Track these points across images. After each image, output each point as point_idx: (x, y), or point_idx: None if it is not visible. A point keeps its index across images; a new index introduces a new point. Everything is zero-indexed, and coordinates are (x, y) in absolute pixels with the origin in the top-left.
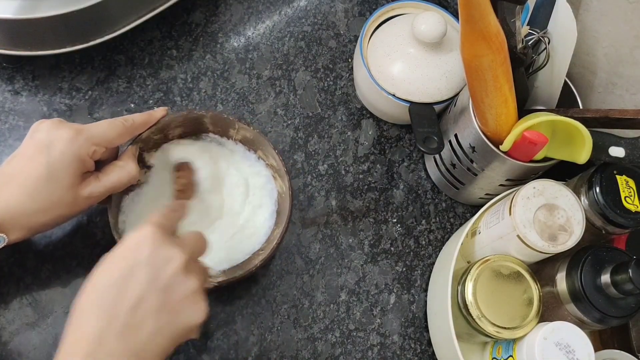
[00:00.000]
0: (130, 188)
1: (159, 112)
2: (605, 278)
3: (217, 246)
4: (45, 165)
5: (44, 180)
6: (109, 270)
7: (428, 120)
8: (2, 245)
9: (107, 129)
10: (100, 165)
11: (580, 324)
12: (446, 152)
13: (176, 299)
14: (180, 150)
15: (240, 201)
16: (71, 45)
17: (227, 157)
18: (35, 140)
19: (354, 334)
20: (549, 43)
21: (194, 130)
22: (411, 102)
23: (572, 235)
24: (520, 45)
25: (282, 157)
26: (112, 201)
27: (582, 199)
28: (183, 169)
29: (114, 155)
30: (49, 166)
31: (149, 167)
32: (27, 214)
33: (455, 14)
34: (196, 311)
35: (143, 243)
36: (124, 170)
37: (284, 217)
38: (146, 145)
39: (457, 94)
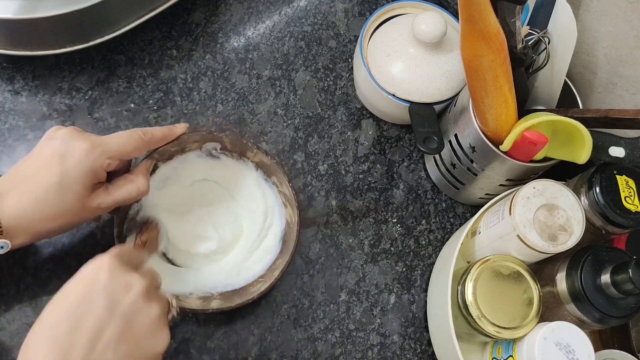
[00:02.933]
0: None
1: (180, 128)
2: (605, 278)
3: (221, 268)
4: (58, 174)
5: (54, 189)
6: (60, 302)
7: (428, 120)
8: (5, 250)
9: (125, 142)
10: (112, 175)
11: (580, 324)
12: (446, 152)
13: (137, 328)
14: (197, 167)
15: (255, 223)
16: (71, 45)
17: (245, 174)
18: (51, 147)
19: (354, 334)
20: (549, 43)
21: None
22: (411, 102)
23: (572, 235)
24: (520, 45)
25: (293, 184)
26: (120, 210)
27: (582, 199)
28: (147, 227)
29: (127, 166)
30: (62, 176)
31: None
32: (32, 221)
33: (455, 14)
34: (159, 339)
35: (99, 270)
36: (134, 185)
37: (289, 247)
38: (162, 156)
39: (457, 94)
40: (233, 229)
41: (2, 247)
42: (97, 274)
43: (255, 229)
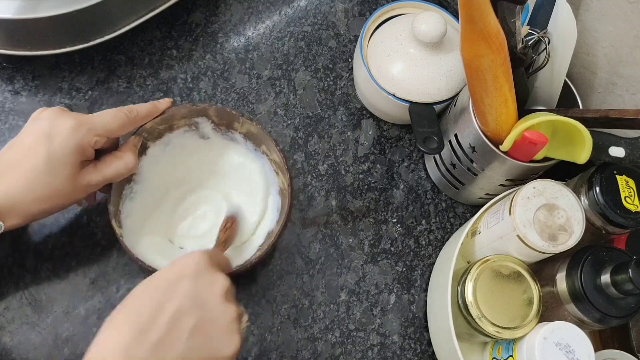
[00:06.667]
0: (131, 177)
1: (164, 103)
2: (605, 278)
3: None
4: (45, 154)
5: (43, 169)
6: (151, 284)
7: (428, 120)
8: None
9: (111, 120)
10: (100, 153)
11: (580, 324)
12: (446, 152)
13: (212, 324)
14: (186, 144)
15: (249, 196)
16: (71, 45)
17: (234, 149)
18: (36, 128)
19: (354, 334)
20: (549, 43)
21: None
22: (411, 102)
23: (572, 235)
24: (520, 45)
25: (282, 148)
26: (113, 190)
27: (582, 199)
28: (230, 223)
29: (115, 144)
30: (50, 156)
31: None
32: (25, 202)
33: (455, 14)
34: (230, 342)
35: (190, 262)
36: (122, 161)
37: (284, 213)
38: (150, 135)
39: (457, 94)
40: (226, 205)
41: None
42: (187, 265)
43: (249, 202)
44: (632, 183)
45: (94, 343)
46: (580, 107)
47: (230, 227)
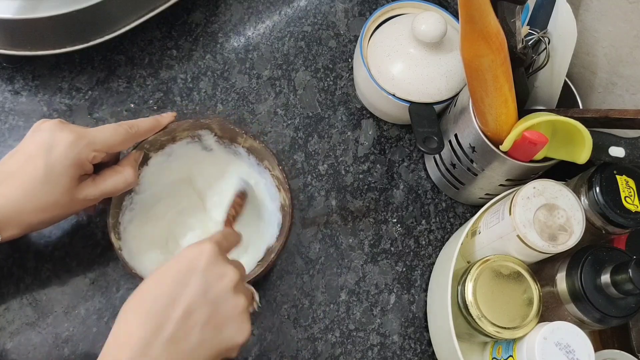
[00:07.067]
0: (132, 188)
1: (167, 117)
2: (605, 278)
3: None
4: (44, 166)
5: (41, 181)
6: (162, 277)
7: (428, 120)
8: None
9: (110, 135)
10: (100, 166)
11: (580, 324)
12: (446, 152)
13: (223, 315)
14: (188, 155)
15: (250, 209)
16: (71, 45)
17: (236, 163)
18: (36, 140)
19: (354, 334)
20: (549, 43)
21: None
22: (411, 102)
23: (572, 235)
24: (520, 45)
25: (284, 167)
26: (112, 202)
27: (582, 199)
28: (240, 198)
29: (116, 157)
30: (48, 168)
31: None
32: (22, 213)
33: (455, 14)
34: (240, 331)
35: (200, 255)
36: (121, 176)
37: (285, 231)
38: (153, 145)
39: (457, 94)
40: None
41: None
42: (197, 258)
43: (247, 215)
44: (632, 183)
45: (111, 339)
46: (580, 107)
47: (240, 204)
